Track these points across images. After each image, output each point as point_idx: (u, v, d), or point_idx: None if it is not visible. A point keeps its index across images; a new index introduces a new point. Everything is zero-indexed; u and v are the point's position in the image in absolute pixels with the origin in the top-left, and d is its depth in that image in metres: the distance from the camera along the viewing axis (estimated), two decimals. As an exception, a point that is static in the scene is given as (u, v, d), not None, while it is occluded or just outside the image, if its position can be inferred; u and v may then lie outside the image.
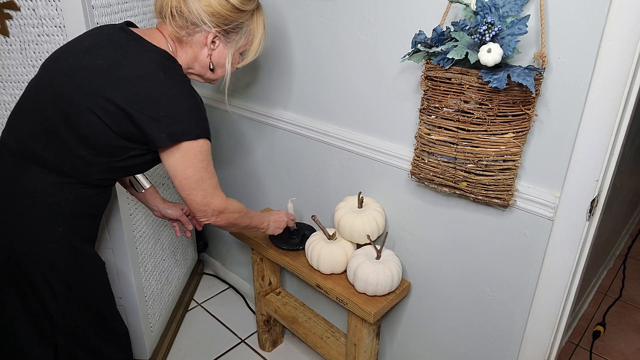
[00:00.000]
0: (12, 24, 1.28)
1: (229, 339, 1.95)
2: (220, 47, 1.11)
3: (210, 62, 1.12)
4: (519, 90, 0.97)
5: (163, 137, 1.00)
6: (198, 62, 1.12)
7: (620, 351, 1.96)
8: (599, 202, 1.01)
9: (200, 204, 1.10)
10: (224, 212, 1.16)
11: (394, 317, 1.54)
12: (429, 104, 1.10)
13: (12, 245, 1.07)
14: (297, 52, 1.50)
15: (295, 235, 1.58)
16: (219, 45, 1.10)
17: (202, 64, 1.12)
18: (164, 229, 1.84)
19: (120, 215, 1.46)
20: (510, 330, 1.24)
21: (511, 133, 1.02)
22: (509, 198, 1.09)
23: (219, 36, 1.09)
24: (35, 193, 1.05)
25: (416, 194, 1.32)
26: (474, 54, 0.95)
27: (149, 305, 1.73)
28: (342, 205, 1.43)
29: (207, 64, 1.12)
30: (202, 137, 1.04)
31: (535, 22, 0.97)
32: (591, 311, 2.18)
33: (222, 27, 1.07)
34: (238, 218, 1.22)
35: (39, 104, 1.05)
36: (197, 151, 1.04)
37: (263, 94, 1.68)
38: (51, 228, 1.07)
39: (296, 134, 1.60)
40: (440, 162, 1.13)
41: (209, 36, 1.07)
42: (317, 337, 1.61)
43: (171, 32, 1.07)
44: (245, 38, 1.13)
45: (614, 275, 2.44)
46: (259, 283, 1.76)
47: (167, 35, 1.08)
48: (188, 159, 1.04)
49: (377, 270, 1.30)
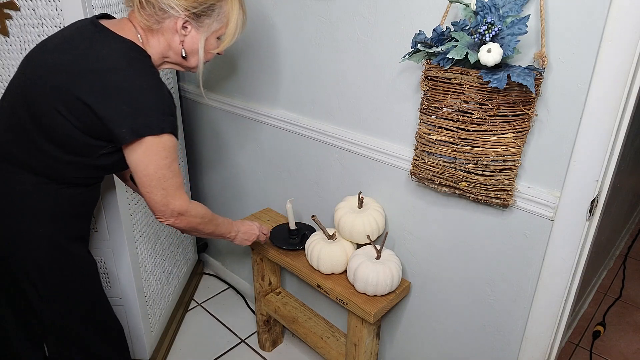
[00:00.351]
0: (12, 24, 1.28)
1: (229, 339, 1.95)
2: (192, 33, 1.06)
3: (182, 49, 1.07)
4: (519, 90, 0.97)
5: (124, 132, 0.96)
6: (172, 50, 1.07)
7: (620, 351, 1.96)
8: (599, 202, 1.01)
9: (159, 204, 1.05)
10: (185, 215, 1.10)
11: (394, 317, 1.54)
12: (429, 104, 1.10)
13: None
14: (297, 52, 1.50)
15: (295, 235, 1.58)
16: (190, 30, 1.05)
17: (176, 52, 1.08)
18: (164, 228, 1.84)
19: (120, 215, 1.46)
20: (510, 330, 1.24)
21: (511, 133, 1.02)
22: (509, 198, 1.09)
23: (189, 21, 1.03)
24: (15, 195, 1.04)
25: (416, 194, 1.32)
26: (474, 54, 0.95)
27: (149, 305, 1.73)
28: (342, 205, 1.43)
29: (180, 51, 1.07)
30: (166, 132, 0.99)
31: (535, 22, 0.97)
32: (591, 311, 2.18)
33: (191, 11, 1.02)
34: (201, 223, 1.16)
35: (11, 104, 1.04)
36: (160, 147, 0.99)
37: (263, 94, 1.68)
38: (33, 229, 1.06)
39: (296, 134, 1.60)
40: (440, 162, 1.13)
41: (179, 21, 1.02)
42: (317, 337, 1.61)
43: (140, 21, 1.03)
44: (218, 21, 1.07)
45: (614, 275, 2.44)
46: (259, 283, 1.76)
47: (137, 25, 1.04)
48: (150, 155, 0.99)
49: (377, 270, 1.30)
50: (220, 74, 1.82)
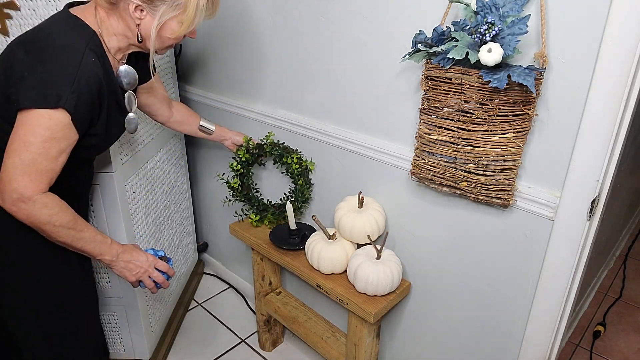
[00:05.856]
0: (12, 24, 1.28)
1: (229, 339, 1.95)
2: (147, 18, 1.02)
3: (138, 32, 1.04)
4: (520, 90, 0.97)
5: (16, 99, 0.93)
6: (131, 32, 1.05)
7: (621, 351, 1.96)
8: (599, 202, 1.01)
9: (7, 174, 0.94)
10: (26, 203, 0.95)
11: (394, 317, 1.54)
12: (430, 104, 1.10)
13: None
14: (297, 52, 1.50)
15: (295, 235, 1.58)
16: (146, 15, 1.02)
17: (134, 34, 1.05)
18: (164, 229, 1.84)
19: (121, 215, 1.46)
20: (511, 331, 1.24)
21: (511, 133, 1.02)
22: (509, 198, 1.09)
23: (142, 5, 1.00)
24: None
25: (416, 193, 1.32)
26: (474, 54, 0.95)
27: (149, 305, 1.73)
28: (343, 205, 1.43)
29: (136, 35, 1.05)
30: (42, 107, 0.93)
31: (536, 22, 0.97)
32: (591, 311, 2.18)
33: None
34: (50, 227, 1.00)
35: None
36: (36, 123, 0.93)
37: (263, 94, 1.68)
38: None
39: (296, 134, 1.60)
40: (440, 162, 1.13)
41: (131, 5, 1.00)
42: (318, 337, 1.61)
43: (99, 1, 1.02)
44: (174, 8, 1.02)
45: (614, 275, 2.44)
46: (259, 283, 1.76)
47: (98, 6, 1.03)
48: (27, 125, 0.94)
49: (377, 271, 1.30)
50: (220, 74, 1.82)
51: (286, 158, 1.58)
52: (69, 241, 1.05)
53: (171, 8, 1.02)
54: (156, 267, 1.20)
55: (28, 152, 0.93)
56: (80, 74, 0.95)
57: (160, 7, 1.01)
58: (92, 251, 1.09)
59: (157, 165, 1.76)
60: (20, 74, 0.94)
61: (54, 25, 1.01)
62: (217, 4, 1.10)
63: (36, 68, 0.94)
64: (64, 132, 0.96)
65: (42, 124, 0.93)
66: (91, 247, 1.08)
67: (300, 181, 1.58)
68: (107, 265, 1.13)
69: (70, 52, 0.97)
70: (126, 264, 1.14)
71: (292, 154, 1.58)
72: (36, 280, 1.14)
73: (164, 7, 1.01)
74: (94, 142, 1.09)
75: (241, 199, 1.71)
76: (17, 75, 0.95)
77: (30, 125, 0.94)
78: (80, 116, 0.98)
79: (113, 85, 1.08)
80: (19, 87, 0.94)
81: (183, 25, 1.05)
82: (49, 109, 0.93)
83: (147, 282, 1.18)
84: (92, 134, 1.06)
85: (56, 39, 0.98)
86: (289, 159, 1.57)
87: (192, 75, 1.98)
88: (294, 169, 1.57)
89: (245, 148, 1.63)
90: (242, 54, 1.68)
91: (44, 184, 0.97)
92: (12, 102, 0.95)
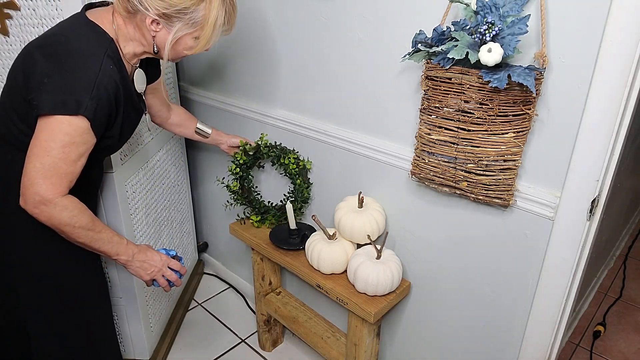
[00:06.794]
0: (12, 24, 1.28)
1: (229, 339, 1.95)
2: (163, 31, 1.05)
3: (154, 43, 1.07)
4: (520, 90, 0.97)
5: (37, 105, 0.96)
6: (147, 41, 1.08)
7: (621, 351, 1.96)
8: (599, 202, 1.01)
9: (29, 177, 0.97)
10: (47, 205, 0.98)
11: (394, 317, 1.54)
12: (430, 104, 1.10)
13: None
14: (297, 52, 1.50)
15: (295, 235, 1.58)
16: (162, 28, 1.04)
17: (149, 44, 1.08)
18: (164, 229, 1.84)
19: (121, 215, 1.46)
20: (511, 331, 1.24)
21: (511, 133, 1.02)
22: (509, 198, 1.09)
23: (158, 20, 1.02)
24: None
25: (416, 193, 1.32)
26: (474, 54, 0.95)
27: (149, 305, 1.73)
28: (343, 205, 1.43)
29: (152, 45, 1.07)
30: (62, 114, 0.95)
31: (536, 22, 0.97)
32: (591, 311, 2.18)
33: (161, 11, 1.01)
34: (70, 228, 1.02)
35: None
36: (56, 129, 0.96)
37: (263, 94, 1.68)
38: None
39: (296, 134, 1.60)
40: (440, 162, 1.13)
41: (147, 19, 1.02)
42: (318, 337, 1.61)
43: (117, 9, 1.04)
44: (191, 25, 1.04)
45: (614, 275, 2.44)
46: (259, 283, 1.76)
47: (115, 12, 1.05)
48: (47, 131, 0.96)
49: (377, 270, 1.30)
50: (220, 74, 1.82)
51: (283, 159, 1.58)
52: (88, 242, 1.07)
53: (187, 25, 1.04)
54: (169, 266, 1.22)
55: (49, 156, 0.96)
56: (99, 80, 0.98)
57: (177, 23, 1.03)
58: (109, 251, 1.11)
59: (157, 165, 1.76)
60: (39, 79, 0.96)
61: (73, 30, 1.02)
62: (234, 21, 1.12)
63: (55, 74, 0.96)
64: (83, 137, 0.99)
65: (62, 130, 0.96)
66: (108, 247, 1.10)
67: (298, 181, 1.58)
68: (122, 264, 1.16)
69: (89, 59, 0.99)
70: (141, 264, 1.17)
71: (289, 155, 1.58)
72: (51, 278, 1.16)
73: (180, 24, 1.03)
74: (109, 143, 1.11)
75: (242, 202, 1.70)
76: (36, 80, 0.96)
77: (50, 131, 0.96)
78: (99, 121, 1.00)
79: (129, 90, 1.11)
80: (38, 93, 0.95)
81: (199, 42, 1.07)
82: (68, 115, 0.95)
83: (161, 281, 1.21)
84: (107, 137, 1.08)
85: (75, 45, 0.99)
86: (286, 159, 1.57)
87: (192, 74, 1.98)
88: (292, 169, 1.57)
89: (242, 151, 1.63)
90: (242, 54, 1.68)
91: (64, 187, 0.99)
92: (33, 108, 0.97)
